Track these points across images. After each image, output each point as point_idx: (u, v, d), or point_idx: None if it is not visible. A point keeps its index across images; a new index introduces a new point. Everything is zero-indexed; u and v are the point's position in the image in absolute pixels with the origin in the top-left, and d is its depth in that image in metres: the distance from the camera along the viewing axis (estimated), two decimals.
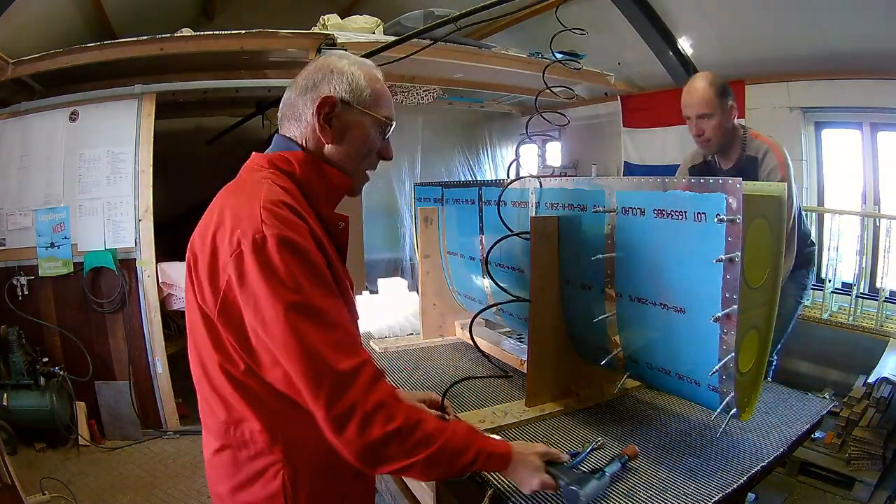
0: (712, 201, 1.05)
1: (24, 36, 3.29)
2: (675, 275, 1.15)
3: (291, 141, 1.00)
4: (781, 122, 3.48)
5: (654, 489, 1.07)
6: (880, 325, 2.87)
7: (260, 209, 0.84)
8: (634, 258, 1.23)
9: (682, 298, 1.14)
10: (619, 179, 1.28)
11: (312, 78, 0.98)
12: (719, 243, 1.03)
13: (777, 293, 1.21)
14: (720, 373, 1.09)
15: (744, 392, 1.17)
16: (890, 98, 2.99)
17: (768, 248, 1.16)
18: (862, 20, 2.83)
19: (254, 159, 1.01)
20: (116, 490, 2.65)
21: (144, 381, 3.22)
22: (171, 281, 3.24)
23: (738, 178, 1.01)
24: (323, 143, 0.98)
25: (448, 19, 2.24)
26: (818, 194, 3.53)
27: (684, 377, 1.19)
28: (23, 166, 3.20)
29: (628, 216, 1.23)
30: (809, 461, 2.68)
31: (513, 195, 1.63)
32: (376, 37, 3.40)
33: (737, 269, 1.02)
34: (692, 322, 1.12)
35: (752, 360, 1.18)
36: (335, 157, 0.99)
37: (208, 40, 3.18)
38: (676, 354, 1.20)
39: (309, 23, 3.67)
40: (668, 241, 1.15)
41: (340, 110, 0.97)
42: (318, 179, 0.97)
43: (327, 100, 0.95)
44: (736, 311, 1.03)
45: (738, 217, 1.01)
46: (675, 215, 1.12)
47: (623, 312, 1.28)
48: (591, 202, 1.32)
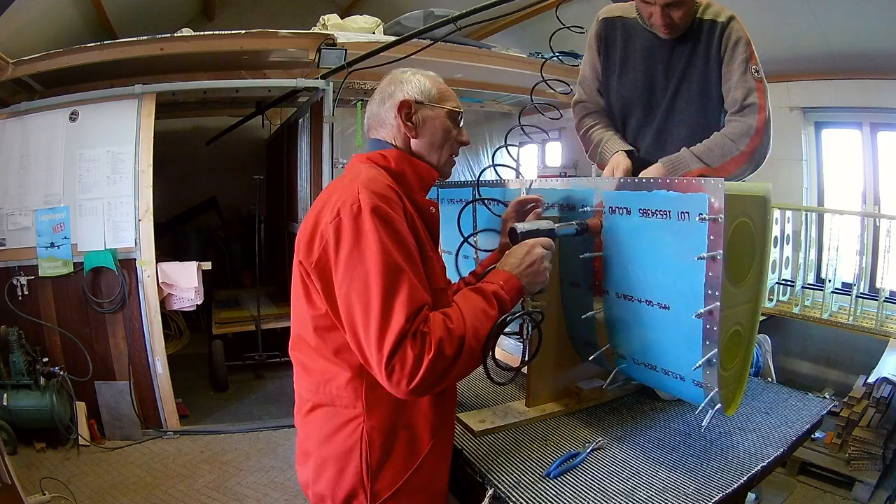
0: (695, 201, 1.07)
1: (24, 36, 3.30)
2: (660, 272, 1.18)
3: (383, 141, 1.17)
4: (781, 122, 3.46)
5: (654, 489, 1.07)
6: (880, 325, 2.87)
7: (358, 186, 0.99)
8: (621, 256, 1.26)
9: (667, 295, 1.16)
10: (605, 179, 1.32)
11: (387, 90, 1.17)
12: (702, 242, 1.06)
13: (762, 291, 1.23)
14: (704, 368, 1.11)
15: (728, 387, 1.19)
16: (890, 98, 2.99)
17: (752, 246, 1.18)
18: (862, 20, 2.83)
19: (354, 159, 1.18)
20: (116, 490, 2.65)
21: (144, 381, 3.22)
22: (171, 281, 3.24)
23: (721, 179, 1.03)
24: (409, 138, 1.15)
25: (448, 19, 2.24)
26: (818, 194, 3.53)
27: (670, 372, 1.22)
28: (23, 166, 3.19)
29: (615, 215, 1.26)
30: (809, 461, 2.68)
31: (508, 195, 1.64)
32: (376, 37, 3.40)
33: (719, 267, 1.04)
34: (676, 318, 1.15)
35: (737, 356, 1.21)
36: (422, 149, 1.16)
37: (208, 40, 3.18)
38: (662, 350, 1.23)
39: (309, 23, 3.67)
40: (653, 239, 1.18)
41: (417, 109, 1.15)
42: (410, 170, 1.13)
43: (405, 102, 1.13)
44: (718, 307, 1.05)
45: (720, 216, 1.03)
46: (659, 214, 1.15)
47: (610, 309, 1.31)
48: (579, 202, 1.36)
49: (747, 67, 1.53)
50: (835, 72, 3.16)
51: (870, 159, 3.25)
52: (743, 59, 1.53)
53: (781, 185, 3.53)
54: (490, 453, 1.21)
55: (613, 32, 1.70)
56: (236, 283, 5.55)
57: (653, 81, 1.64)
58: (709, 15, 1.57)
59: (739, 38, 1.54)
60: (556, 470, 1.13)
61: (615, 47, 1.70)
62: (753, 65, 1.53)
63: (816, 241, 3.34)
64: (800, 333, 3.35)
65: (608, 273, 1.29)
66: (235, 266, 5.64)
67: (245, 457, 3.01)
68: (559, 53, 2.02)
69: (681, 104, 1.61)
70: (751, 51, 1.54)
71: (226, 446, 3.12)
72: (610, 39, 1.71)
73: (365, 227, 0.94)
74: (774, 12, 3.11)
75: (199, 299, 3.35)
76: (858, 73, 3.07)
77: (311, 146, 3.79)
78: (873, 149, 3.23)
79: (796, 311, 3.21)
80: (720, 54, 1.56)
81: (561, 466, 1.14)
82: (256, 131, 5.51)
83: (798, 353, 3.40)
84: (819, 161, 3.52)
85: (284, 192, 4.70)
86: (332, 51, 3.15)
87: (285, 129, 4.82)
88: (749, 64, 1.53)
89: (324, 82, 3.40)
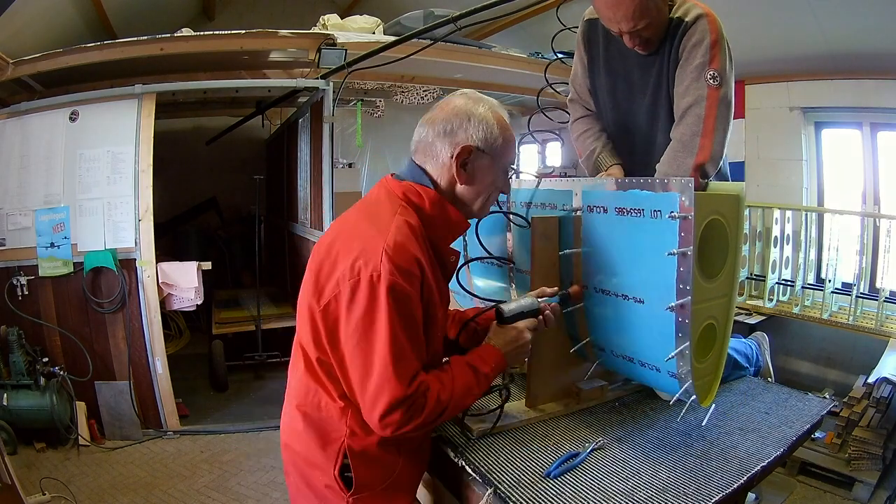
0: (667, 200, 1.12)
1: (24, 36, 3.30)
2: (635, 268, 1.23)
3: (426, 174, 1.13)
4: (781, 122, 3.48)
5: (654, 489, 1.07)
6: (880, 325, 2.87)
7: (384, 250, 0.99)
8: (598, 252, 1.31)
9: (641, 290, 1.21)
10: (584, 180, 1.38)
11: (451, 122, 1.10)
12: (673, 238, 1.10)
13: (735, 286, 1.28)
14: (677, 359, 1.15)
15: (702, 379, 1.25)
16: (890, 98, 2.99)
17: (724, 243, 1.23)
18: (862, 20, 2.83)
19: (390, 183, 1.14)
20: (116, 490, 2.65)
21: (144, 381, 3.22)
22: (171, 281, 3.24)
23: (691, 179, 1.07)
24: (456, 182, 1.12)
25: (448, 19, 2.24)
26: (818, 194, 3.53)
27: (646, 364, 1.27)
28: (23, 166, 3.19)
29: (592, 213, 1.31)
30: (809, 461, 2.68)
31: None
32: (376, 37, 3.41)
33: (689, 262, 1.09)
34: (651, 312, 1.19)
35: (712, 349, 1.27)
36: (466, 196, 1.14)
37: (208, 40, 3.18)
38: (638, 342, 1.28)
39: (309, 23, 3.67)
40: (628, 236, 1.23)
41: (475, 157, 1.10)
42: (442, 219, 1.12)
43: (466, 149, 1.09)
44: (689, 301, 1.10)
45: (689, 214, 1.08)
46: (633, 212, 1.20)
47: (590, 303, 1.36)
48: (560, 201, 1.41)
49: (702, 73, 1.39)
50: (835, 72, 3.16)
51: (870, 159, 3.24)
52: (699, 64, 1.40)
53: (781, 184, 3.53)
54: (490, 453, 1.21)
55: (595, 34, 1.64)
56: (236, 283, 5.55)
57: (633, 87, 1.59)
58: (678, 13, 1.45)
59: (701, 39, 1.40)
60: (557, 470, 1.13)
61: (597, 49, 1.65)
62: (712, 69, 1.38)
63: (816, 241, 3.33)
64: (800, 333, 3.35)
65: (587, 269, 1.34)
66: (235, 266, 5.63)
67: (245, 457, 3.01)
68: (561, 54, 2.01)
69: (661, 112, 1.54)
70: (713, 54, 1.38)
71: (226, 446, 3.12)
72: (592, 41, 1.65)
73: (380, 302, 0.98)
74: (774, 12, 3.11)
75: (199, 299, 3.35)
76: (858, 73, 3.07)
77: (311, 146, 3.79)
78: (873, 149, 3.23)
79: (796, 311, 3.21)
80: (678, 55, 1.44)
81: (561, 466, 1.14)
82: (256, 131, 5.51)
83: (798, 353, 3.40)
84: (819, 161, 3.52)
85: (284, 192, 4.70)
86: (332, 51, 3.15)
87: (285, 129, 4.82)
88: (705, 69, 1.38)
89: (324, 82, 3.40)
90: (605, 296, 1.31)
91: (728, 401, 1.47)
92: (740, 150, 3.57)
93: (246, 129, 5.30)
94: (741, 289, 3.37)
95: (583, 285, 1.35)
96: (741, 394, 1.54)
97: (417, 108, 4.53)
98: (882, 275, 3.07)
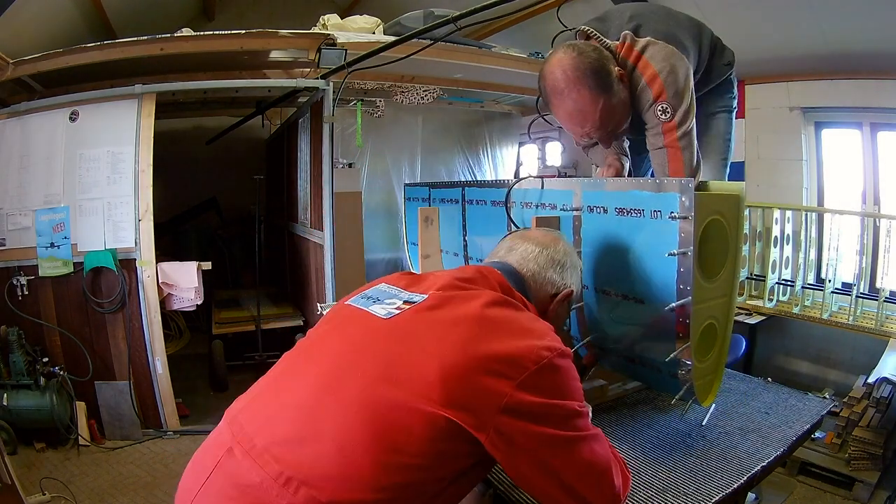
0: (667, 200, 1.13)
1: (24, 36, 3.30)
2: (635, 268, 1.23)
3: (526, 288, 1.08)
4: (781, 122, 3.48)
5: (654, 489, 1.07)
6: (880, 325, 2.87)
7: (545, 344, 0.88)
8: (599, 252, 1.32)
9: (642, 290, 1.22)
10: (584, 180, 1.38)
11: (564, 261, 1.13)
12: (673, 239, 1.11)
13: (736, 286, 1.29)
14: (678, 359, 1.15)
15: (703, 378, 1.24)
16: (890, 98, 2.99)
17: (725, 243, 1.23)
18: (862, 20, 2.83)
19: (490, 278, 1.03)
20: (116, 490, 2.65)
21: (144, 381, 3.22)
22: (171, 281, 3.24)
23: (691, 179, 1.08)
24: (547, 310, 1.11)
25: (448, 19, 2.23)
26: (818, 194, 3.53)
27: (647, 364, 1.27)
28: (23, 166, 3.19)
29: (592, 214, 1.32)
30: (809, 461, 2.68)
31: (493, 195, 1.73)
32: (376, 37, 3.40)
33: (689, 263, 1.09)
34: (651, 312, 1.20)
35: (712, 349, 1.26)
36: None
37: (208, 40, 3.17)
38: (638, 342, 1.29)
39: (309, 23, 3.67)
40: (628, 236, 1.24)
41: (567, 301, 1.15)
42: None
43: (569, 294, 1.13)
44: (690, 301, 1.10)
45: (690, 214, 1.08)
46: (634, 213, 1.21)
47: (591, 303, 1.36)
48: (560, 201, 1.41)
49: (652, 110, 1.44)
50: (835, 72, 3.16)
51: (870, 159, 3.24)
52: (648, 106, 1.45)
53: (781, 184, 3.53)
54: None
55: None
56: (236, 283, 5.55)
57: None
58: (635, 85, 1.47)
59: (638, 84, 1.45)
60: None
61: None
62: (661, 103, 1.42)
63: (816, 241, 3.34)
64: (800, 333, 3.35)
65: (587, 268, 1.35)
66: (235, 266, 5.63)
67: None
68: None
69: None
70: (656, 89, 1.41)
71: None
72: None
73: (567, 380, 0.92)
74: (774, 12, 3.11)
75: (199, 299, 3.35)
76: (858, 73, 3.07)
77: (311, 146, 3.79)
78: (873, 149, 3.23)
79: (796, 311, 3.21)
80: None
81: None
82: (256, 131, 5.51)
83: (798, 353, 3.40)
84: (819, 161, 3.52)
85: (284, 192, 4.70)
86: (332, 51, 3.15)
87: (285, 129, 4.82)
88: (654, 105, 1.43)
89: (324, 82, 3.40)
90: (605, 296, 1.31)
91: (728, 401, 1.47)
92: (740, 150, 3.57)
93: (246, 129, 5.30)
94: (741, 289, 3.37)
95: (584, 285, 1.34)
96: (741, 394, 1.54)
97: (418, 108, 4.53)
98: (882, 275, 3.07)
